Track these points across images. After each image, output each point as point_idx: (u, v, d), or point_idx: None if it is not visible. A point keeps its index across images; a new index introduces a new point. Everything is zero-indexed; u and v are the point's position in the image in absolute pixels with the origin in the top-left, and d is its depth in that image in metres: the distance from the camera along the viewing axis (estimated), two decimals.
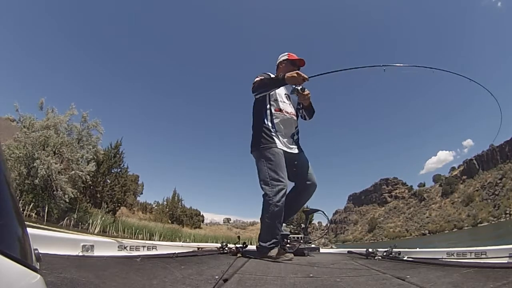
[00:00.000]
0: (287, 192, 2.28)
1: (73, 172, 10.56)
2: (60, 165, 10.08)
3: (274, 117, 2.44)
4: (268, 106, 2.47)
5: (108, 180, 15.64)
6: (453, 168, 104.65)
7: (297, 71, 2.24)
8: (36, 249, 0.45)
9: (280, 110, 2.48)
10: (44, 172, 9.45)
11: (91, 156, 11.57)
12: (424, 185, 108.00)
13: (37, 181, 9.45)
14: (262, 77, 2.46)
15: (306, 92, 2.39)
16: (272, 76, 2.51)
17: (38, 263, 0.44)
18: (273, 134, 2.40)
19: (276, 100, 2.50)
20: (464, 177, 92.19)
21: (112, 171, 16.06)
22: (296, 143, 2.58)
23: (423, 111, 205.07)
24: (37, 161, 9.47)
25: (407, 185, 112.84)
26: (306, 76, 2.24)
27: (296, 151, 2.52)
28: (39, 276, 0.40)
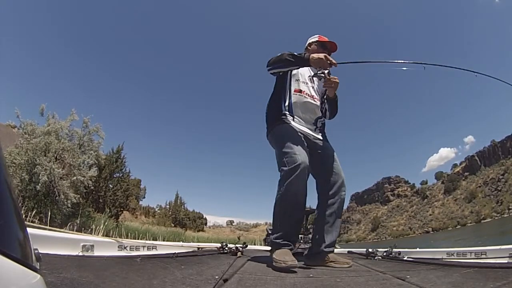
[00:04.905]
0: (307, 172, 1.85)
1: (75, 177, 10.57)
2: (62, 171, 10.11)
3: (292, 99, 2.13)
4: (287, 86, 2.16)
5: (110, 185, 15.66)
6: (455, 165, 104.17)
7: (325, 54, 1.93)
8: (36, 249, 0.45)
9: (300, 91, 2.16)
10: (46, 178, 9.48)
11: (92, 161, 11.60)
12: (426, 183, 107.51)
13: (39, 187, 9.47)
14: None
15: (334, 78, 2.05)
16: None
17: (38, 263, 0.45)
18: (289, 117, 2.09)
19: (297, 80, 2.19)
20: (466, 173, 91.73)
21: (114, 175, 16.09)
22: (321, 130, 2.23)
23: (424, 108, 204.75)
24: (38, 167, 9.50)
25: (410, 183, 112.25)
26: (334, 61, 1.92)
27: (319, 137, 2.18)
28: (39, 276, 0.40)
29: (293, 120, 2.09)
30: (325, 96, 2.24)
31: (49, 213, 9.43)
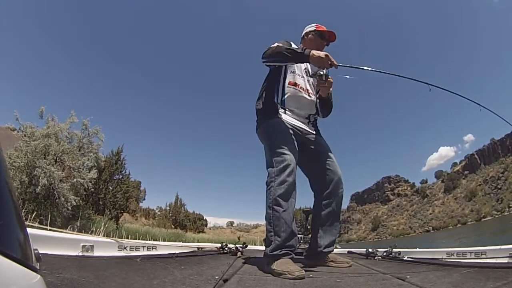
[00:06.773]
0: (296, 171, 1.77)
1: (75, 180, 10.56)
2: (62, 173, 10.10)
3: (286, 91, 1.99)
4: (281, 78, 2.02)
5: (110, 187, 15.67)
6: (455, 164, 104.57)
7: (326, 53, 1.77)
8: (36, 249, 0.45)
9: (295, 84, 2.02)
10: (46, 181, 9.46)
11: (92, 163, 11.59)
12: (426, 182, 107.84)
13: (38, 189, 9.45)
14: (281, 44, 1.92)
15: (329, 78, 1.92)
16: (295, 47, 1.96)
17: (38, 263, 0.44)
18: (281, 110, 1.97)
19: (293, 73, 2.05)
20: (466, 172, 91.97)
21: (114, 177, 16.11)
22: (313, 125, 2.12)
23: (424, 108, 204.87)
24: (38, 169, 9.49)
25: (410, 183, 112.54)
26: (336, 62, 1.78)
27: (312, 132, 2.07)
28: (39, 276, 0.40)
29: (285, 113, 1.98)
30: (317, 95, 2.10)
31: (49, 216, 9.42)
